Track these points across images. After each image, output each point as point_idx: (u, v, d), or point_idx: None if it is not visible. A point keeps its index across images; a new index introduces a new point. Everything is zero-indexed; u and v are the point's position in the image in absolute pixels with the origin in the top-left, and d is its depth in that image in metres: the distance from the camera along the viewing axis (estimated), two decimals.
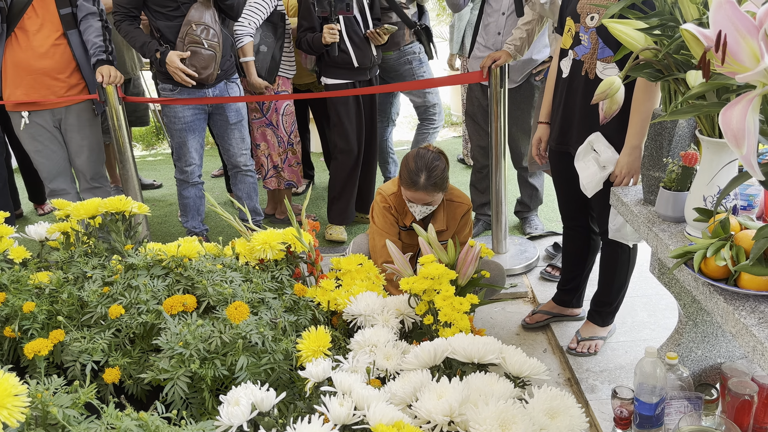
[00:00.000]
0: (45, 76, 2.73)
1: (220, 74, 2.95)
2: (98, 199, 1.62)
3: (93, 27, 2.75)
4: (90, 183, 2.98)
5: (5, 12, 2.62)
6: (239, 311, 1.22)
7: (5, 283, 1.44)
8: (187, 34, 2.78)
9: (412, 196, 2.15)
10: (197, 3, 2.78)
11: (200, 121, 3.06)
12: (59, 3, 2.69)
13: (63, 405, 0.99)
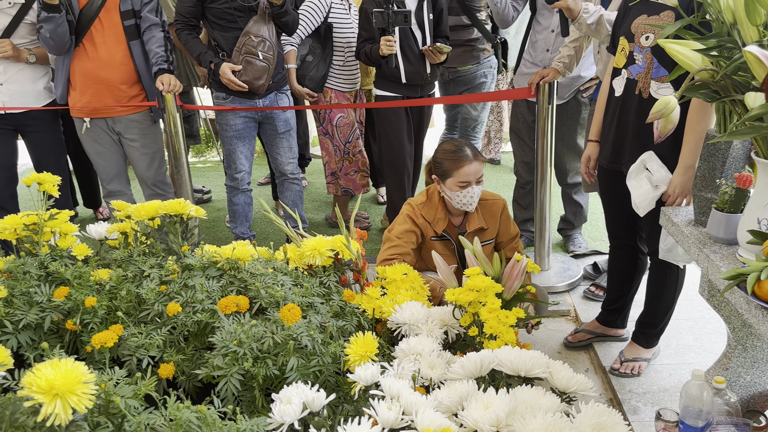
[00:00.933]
0: (109, 85, 2.87)
1: (272, 85, 3.05)
2: (158, 201, 1.69)
3: (156, 37, 2.87)
4: (153, 190, 3.10)
5: (74, 24, 2.75)
6: (292, 313, 1.26)
7: (69, 279, 1.51)
8: (244, 44, 2.89)
9: (469, 171, 2.13)
10: (257, 16, 2.89)
11: (250, 129, 3.16)
12: (124, 15, 2.82)
13: (125, 395, 1.04)
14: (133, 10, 2.84)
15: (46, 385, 0.88)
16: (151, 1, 2.87)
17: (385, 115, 3.17)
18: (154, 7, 2.88)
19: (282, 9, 2.88)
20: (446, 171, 2.18)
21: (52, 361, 0.93)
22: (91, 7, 2.76)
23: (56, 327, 1.48)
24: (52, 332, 1.48)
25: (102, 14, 2.79)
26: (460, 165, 2.14)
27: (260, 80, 2.95)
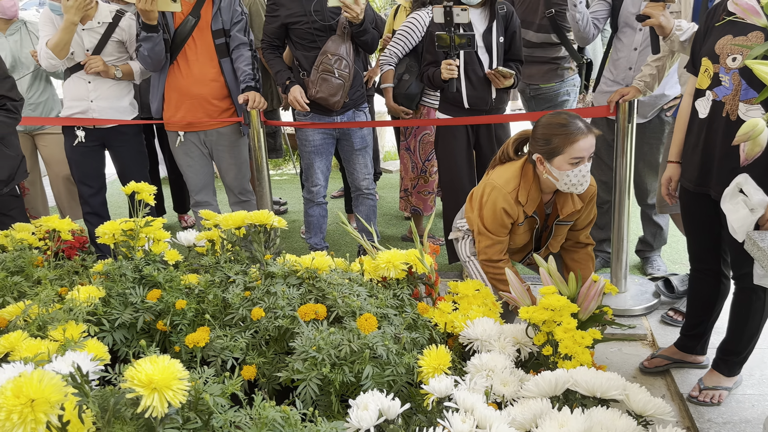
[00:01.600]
0: (201, 101, 3.04)
1: (349, 103, 3.14)
2: (244, 212, 1.78)
3: (243, 56, 3.03)
4: (238, 197, 3.26)
5: (169, 43, 2.94)
6: (369, 323, 1.30)
7: (161, 282, 1.61)
8: (321, 62, 3.00)
9: (584, 146, 2.01)
10: (335, 35, 2.99)
11: (328, 145, 3.26)
12: (215, 34, 2.99)
13: (213, 393, 1.11)
14: (223, 30, 3.00)
15: (146, 379, 0.95)
16: (240, 21, 3.03)
17: (446, 138, 3.14)
18: (242, 27, 3.04)
19: (361, 28, 2.97)
20: (556, 148, 2.03)
21: (150, 357, 1.01)
22: (185, 26, 2.94)
23: (148, 327, 1.58)
24: (144, 332, 1.59)
25: (195, 33, 2.96)
26: (574, 140, 1.99)
27: (335, 97, 3.05)
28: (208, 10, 2.97)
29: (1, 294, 1.57)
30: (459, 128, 3.07)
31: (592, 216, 2.31)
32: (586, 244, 2.39)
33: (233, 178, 3.22)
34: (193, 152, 3.15)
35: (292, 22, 3.02)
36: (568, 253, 2.42)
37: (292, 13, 3.02)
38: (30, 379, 0.82)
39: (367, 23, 3.00)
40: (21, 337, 1.30)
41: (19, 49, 3.48)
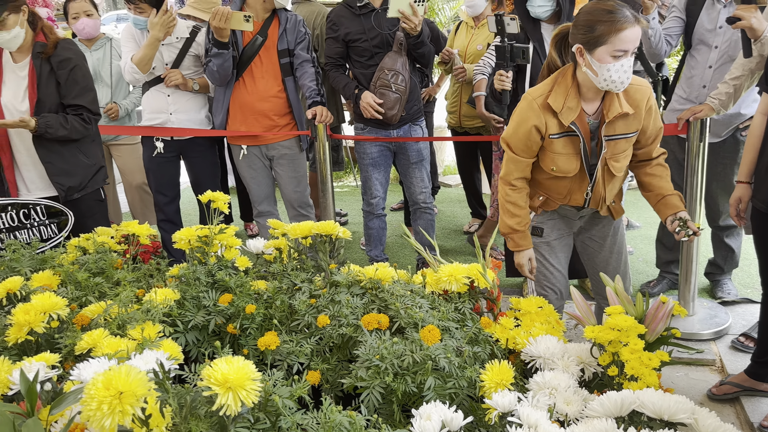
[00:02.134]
0: (264, 116, 3.16)
1: (405, 117, 3.21)
2: (311, 222, 1.84)
3: (308, 72, 3.13)
4: (297, 210, 3.36)
5: (237, 60, 3.07)
6: (432, 334, 1.32)
7: (232, 287, 1.68)
8: (378, 78, 3.09)
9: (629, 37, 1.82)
10: (391, 51, 3.06)
11: (385, 157, 3.33)
12: (280, 54, 3.11)
13: (282, 395, 1.15)
14: (288, 49, 3.12)
15: (222, 379, 1.00)
16: (304, 40, 3.14)
17: None
18: (305, 45, 3.15)
19: (418, 39, 3.03)
20: (599, 36, 1.85)
21: (226, 357, 1.06)
22: (253, 45, 3.07)
23: (218, 329, 1.65)
24: (215, 334, 1.65)
25: (262, 52, 3.09)
26: (620, 28, 1.80)
27: (392, 110, 3.13)
28: (275, 31, 3.10)
29: (84, 294, 1.67)
30: None
31: (658, 126, 2.07)
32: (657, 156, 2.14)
33: (292, 192, 3.32)
34: (256, 165, 3.27)
35: (351, 39, 3.13)
36: (639, 168, 2.18)
37: (351, 32, 3.13)
38: (119, 372, 0.88)
39: (424, 36, 3.06)
40: (102, 334, 1.38)
41: (100, 64, 3.70)
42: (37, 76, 2.52)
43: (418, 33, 2.99)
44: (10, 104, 2.57)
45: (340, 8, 3.23)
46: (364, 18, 3.12)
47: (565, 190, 2.12)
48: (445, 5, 6.13)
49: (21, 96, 2.56)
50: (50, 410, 1.07)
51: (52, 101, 2.55)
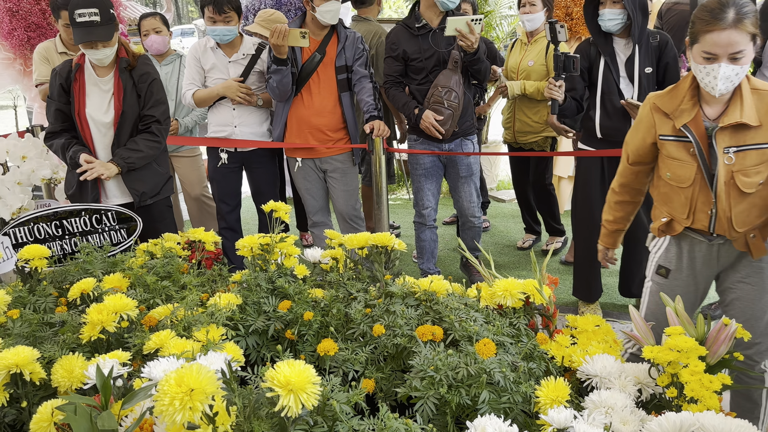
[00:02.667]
0: (319, 131, 3.25)
1: (458, 132, 3.26)
2: (368, 233, 1.87)
3: (366, 88, 3.20)
4: (348, 223, 3.43)
5: (296, 76, 3.17)
6: (487, 348, 1.33)
7: (291, 294, 1.72)
8: (432, 95, 3.16)
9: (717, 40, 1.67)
10: (446, 69, 3.12)
11: (437, 168, 3.38)
12: (338, 70, 3.20)
13: (339, 400, 1.18)
14: (345, 66, 3.20)
15: (284, 381, 1.04)
16: (362, 57, 3.21)
17: (579, 169, 3.13)
18: (364, 61, 3.22)
19: (474, 57, 3.06)
20: (695, 34, 1.75)
21: (287, 360, 1.10)
22: (311, 62, 3.16)
23: (277, 334, 1.70)
24: (273, 339, 1.70)
25: (320, 68, 3.18)
26: (708, 29, 1.68)
27: (444, 126, 3.19)
28: (333, 48, 3.19)
29: (152, 296, 1.75)
30: (592, 160, 3.05)
31: None
32: None
33: (344, 204, 3.38)
34: (310, 177, 3.35)
35: (409, 58, 3.21)
36: None
37: (409, 51, 3.21)
38: (190, 370, 0.93)
39: (481, 53, 3.10)
40: (169, 335, 1.45)
41: (168, 79, 3.87)
42: (123, 89, 2.67)
43: (475, 50, 3.03)
44: (95, 115, 2.73)
45: (399, 28, 3.32)
46: (422, 38, 3.20)
47: (686, 205, 1.93)
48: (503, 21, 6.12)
49: (105, 108, 2.71)
50: (122, 405, 1.14)
51: (134, 112, 2.71)
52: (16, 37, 4.38)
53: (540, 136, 4.01)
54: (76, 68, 2.74)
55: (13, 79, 4.68)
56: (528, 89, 3.89)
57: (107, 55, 2.66)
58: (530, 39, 3.97)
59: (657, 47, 2.83)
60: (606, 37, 2.87)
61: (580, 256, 3.26)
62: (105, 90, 2.73)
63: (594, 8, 2.89)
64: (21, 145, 2.68)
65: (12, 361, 1.32)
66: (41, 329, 1.62)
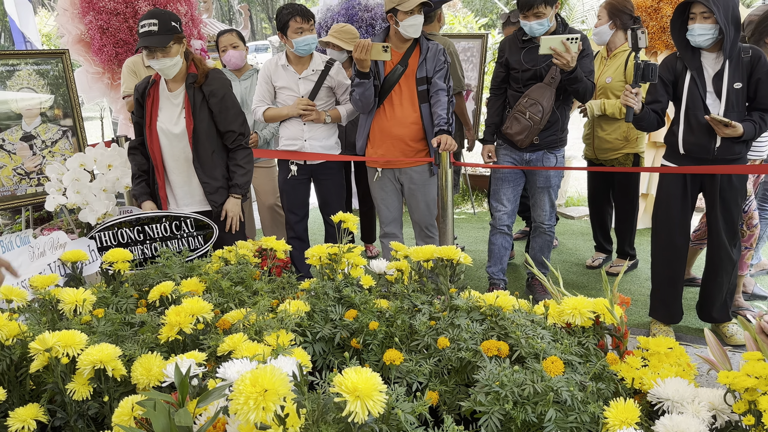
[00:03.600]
0: (401, 141, 3.31)
1: (540, 144, 3.25)
2: (433, 246, 1.89)
3: (441, 101, 3.25)
4: (424, 231, 3.49)
5: (378, 88, 3.25)
6: (555, 366, 1.31)
7: (357, 303, 1.76)
8: (519, 104, 3.19)
9: None
10: (541, 83, 3.14)
11: (515, 175, 3.40)
12: (418, 81, 3.25)
13: (404, 410, 1.19)
14: (426, 78, 3.26)
15: (352, 387, 1.06)
16: (442, 69, 3.26)
17: (661, 186, 3.05)
18: (443, 74, 3.27)
19: (571, 76, 3.06)
20: None
21: (355, 368, 1.12)
22: (393, 74, 3.24)
23: (342, 342, 1.73)
24: (339, 347, 1.74)
25: (402, 80, 3.25)
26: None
27: (520, 135, 3.21)
28: (415, 60, 3.25)
29: (226, 300, 1.82)
30: (675, 177, 2.96)
31: None
32: None
33: (421, 214, 3.43)
34: (388, 187, 3.41)
35: (511, 67, 3.28)
36: None
37: (511, 60, 3.28)
38: (264, 372, 0.97)
39: (578, 73, 3.09)
40: (242, 338, 1.50)
41: (247, 93, 4.03)
42: (192, 104, 2.80)
43: (572, 69, 3.03)
44: (165, 127, 2.88)
45: (512, 36, 3.43)
46: (525, 51, 3.25)
47: None
48: None
49: (175, 120, 2.85)
50: (197, 403, 1.19)
51: (205, 127, 2.84)
52: (105, 53, 4.67)
53: (620, 153, 3.92)
54: (151, 83, 2.90)
55: (101, 92, 4.98)
56: (607, 109, 3.82)
57: (167, 65, 2.77)
58: (609, 54, 3.90)
59: (749, 62, 2.73)
60: (693, 51, 2.78)
61: (659, 276, 3.15)
62: (175, 104, 2.88)
63: (682, 22, 2.82)
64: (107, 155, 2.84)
65: (96, 357, 1.41)
66: (123, 328, 1.71)
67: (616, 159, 3.94)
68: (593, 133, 3.97)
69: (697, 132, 2.82)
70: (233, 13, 34.11)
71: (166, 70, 2.81)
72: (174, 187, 2.92)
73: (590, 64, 3.24)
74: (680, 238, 3.02)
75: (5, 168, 3.78)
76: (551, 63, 3.14)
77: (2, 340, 1.52)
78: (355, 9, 5.17)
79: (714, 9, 2.65)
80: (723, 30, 2.65)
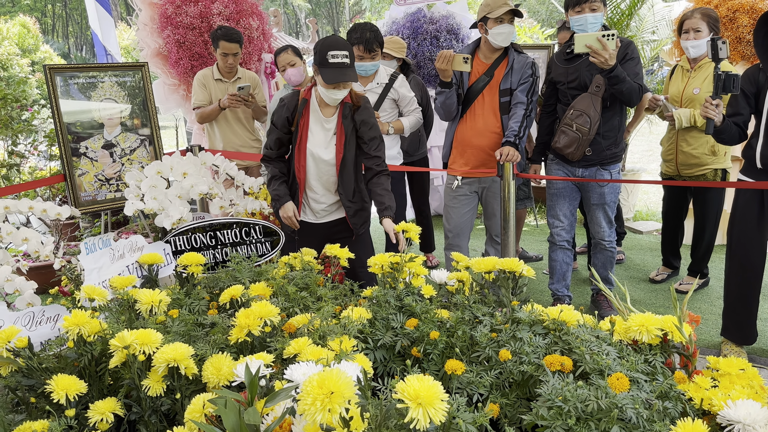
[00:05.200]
0: (481, 151, 3.34)
1: (592, 157, 3.17)
2: (495, 258, 1.89)
3: (516, 114, 3.25)
4: (494, 238, 3.52)
5: (461, 98, 3.29)
6: (621, 383, 1.29)
7: (417, 312, 1.78)
8: (566, 116, 3.14)
9: None
10: (587, 93, 3.07)
11: (571, 190, 3.34)
12: (501, 93, 3.27)
13: (465, 420, 1.21)
14: (510, 89, 3.27)
15: (414, 394, 1.08)
16: (526, 82, 3.25)
17: (736, 203, 2.93)
18: (526, 87, 3.25)
19: (611, 74, 2.97)
20: None
21: (417, 375, 1.14)
22: (478, 84, 3.27)
23: (403, 351, 1.75)
24: (399, 355, 1.76)
25: (485, 91, 3.28)
26: None
27: (569, 148, 3.15)
28: (501, 71, 3.27)
29: (291, 305, 1.88)
30: (751, 193, 2.85)
31: None
32: None
33: (493, 223, 3.46)
34: (462, 196, 3.45)
35: (557, 82, 3.22)
36: None
37: (556, 74, 3.22)
38: (331, 374, 1.00)
39: (621, 71, 2.98)
40: (306, 342, 1.55)
41: None
42: (345, 134, 2.79)
43: (612, 67, 2.94)
44: (315, 151, 2.83)
45: (557, 52, 3.41)
46: (570, 63, 3.20)
47: None
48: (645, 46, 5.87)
49: (325, 145, 2.82)
50: (265, 403, 1.24)
51: (353, 156, 2.84)
52: (181, 65, 4.89)
53: (708, 169, 3.78)
54: (303, 104, 2.82)
55: (177, 104, 5.21)
56: (698, 120, 3.70)
57: (343, 96, 2.71)
58: (693, 65, 3.78)
59: None
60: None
61: (732, 295, 3.03)
62: (327, 128, 2.83)
63: (765, 33, 2.72)
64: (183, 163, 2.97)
65: (171, 356, 1.48)
66: (195, 329, 1.79)
67: (702, 175, 3.80)
68: (676, 148, 3.84)
69: None
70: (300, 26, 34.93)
71: (338, 99, 2.73)
72: (312, 202, 2.94)
73: (636, 67, 3.12)
74: (756, 257, 2.89)
75: (88, 174, 4.01)
76: (594, 71, 3.08)
77: (85, 336, 1.62)
78: (420, 21, 5.22)
79: None
80: None
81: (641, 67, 3.17)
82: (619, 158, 3.29)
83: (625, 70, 3.04)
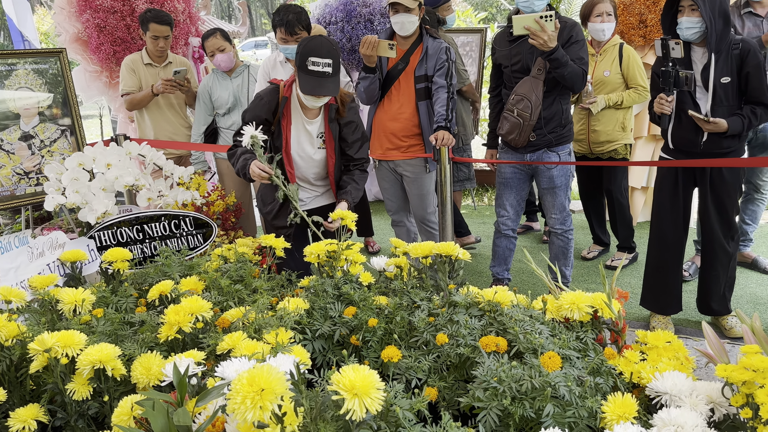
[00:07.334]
0: (392, 135, 3.36)
1: (537, 142, 3.18)
2: (432, 242, 1.89)
3: (440, 99, 3.26)
4: (421, 225, 3.72)
5: (381, 83, 3.29)
6: (552, 361, 1.32)
7: (356, 300, 1.76)
8: (507, 102, 3.15)
9: None
10: (529, 77, 3.08)
11: (518, 180, 3.37)
12: (417, 79, 3.29)
13: (402, 407, 1.20)
14: (426, 75, 3.28)
15: (349, 385, 1.07)
16: (443, 67, 3.27)
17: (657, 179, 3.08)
18: (444, 72, 3.27)
19: (551, 57, 2.91)
20: None
21: (352, 365, 1.13)
22: (394, 70, 3.28)
23: (342, 340, 1.73)
24: (338, 344, 1.74)
25: (401, 77, 3.30)
26: None
27: (511, 134, 3.17)
28: (416, 57, 3.28)
29: (225, 299, 1.83)
30: (668, 170, 2.99)
31: None
32: None
33: (416, 207, 3.55)
34: (388, 177, 3.54)
35: (500, 64, 3.24)
36: None
37: (500, 57, 3.24)
38: (261, 371, 0.97)
39: (563, 54, 2.94)
40: (241, 337, 1.51)
41: (240, 90, 4.02)
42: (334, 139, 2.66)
43: (552, 50, 2.92)
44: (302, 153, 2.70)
45: (500, 32, 3.33)
46: (513, 44, 3.16)
47: None
48: None
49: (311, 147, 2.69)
50: (196, 402, 1.20)
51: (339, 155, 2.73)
52: (103, 51, 4.66)
53: (620, 144, 3.92)
54: (284, 102, 2.64)
55: (100, 91, 4.97)
56: (612, 100, 3.82)
57: (323, 102, 2.56)
58: (598, 49, 3.89)
59: (738, 56, 2.72)
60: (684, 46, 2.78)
61: (650, 266, 3.17)
62: (309, 130, 2.68)
63: (672, 17, 2.81)
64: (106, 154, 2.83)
65: (96, 357, 1.41)
66: (122, 328, 1.72)
67: (614, 150, 3.93)
68: (588, 127, 3.96)
69: (685, 126, 2.83)
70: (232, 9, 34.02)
71: (317, 105, 2.57)
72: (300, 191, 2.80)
73: (580, 51, 3.07)
74: (671, 230, 3.03)
75: (4, 168, 3.78)
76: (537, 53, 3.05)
77: (2, 341, 1.53)
78: (353, 4, 5.16)
79: (700, 2, 2.64)
80: (708, 23, 2.64)
81: (587, 51, 3.14)
82: (567, 139, 3.24)
83: (568, 53, 3.00)
